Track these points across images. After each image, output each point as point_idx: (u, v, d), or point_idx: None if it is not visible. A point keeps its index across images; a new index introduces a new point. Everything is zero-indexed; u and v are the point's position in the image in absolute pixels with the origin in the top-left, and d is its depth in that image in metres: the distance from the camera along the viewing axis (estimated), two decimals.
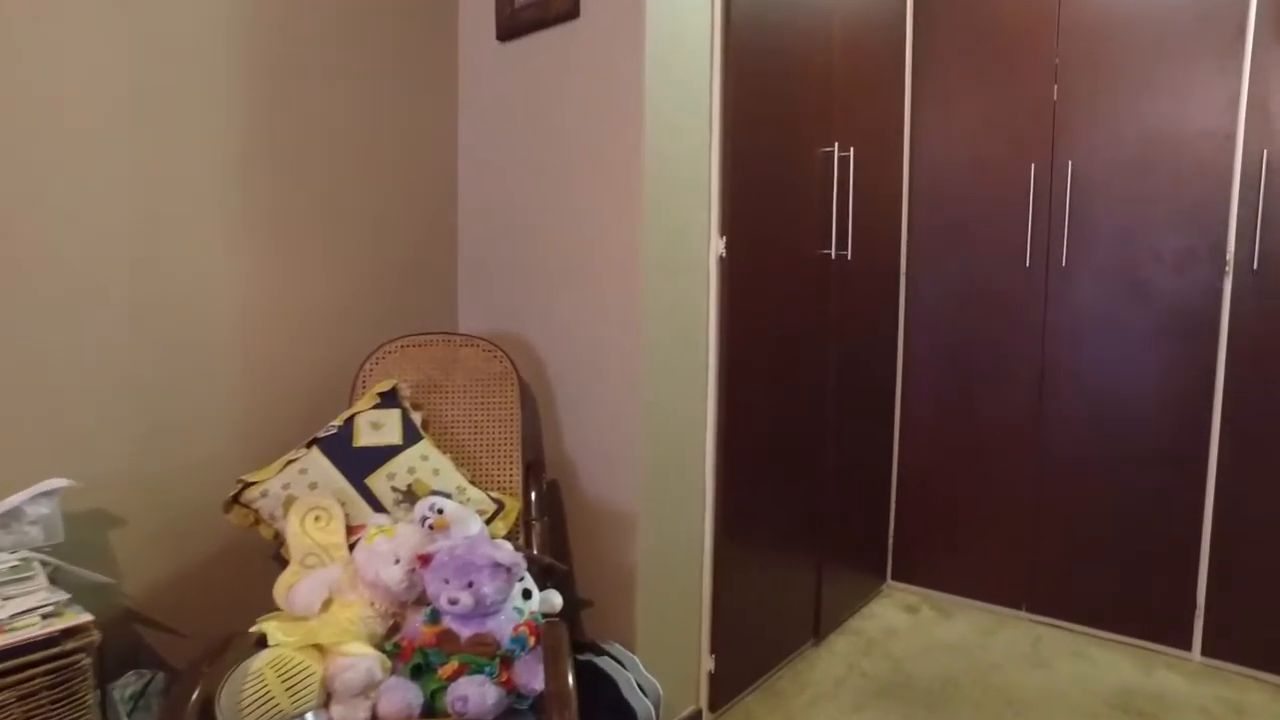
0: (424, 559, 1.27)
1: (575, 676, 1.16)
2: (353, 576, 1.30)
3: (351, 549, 1.34)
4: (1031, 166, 2.32)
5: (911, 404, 2.61)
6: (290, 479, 1.43)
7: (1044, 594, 2.39)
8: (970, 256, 2.46)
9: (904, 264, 2.59)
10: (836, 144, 2.12)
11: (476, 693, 1.16)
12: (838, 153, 2.12)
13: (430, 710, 1.17)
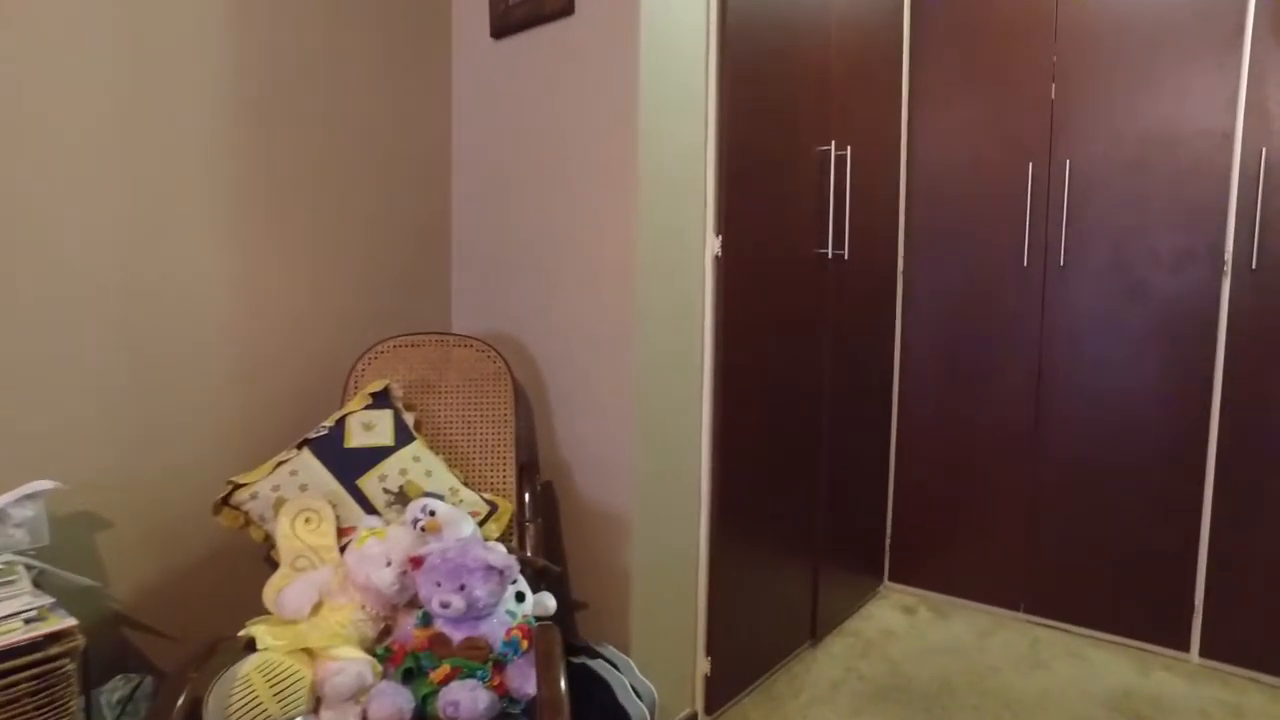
0: (416, 561, 1.26)
1: (569, 680, 1.15)
2: (343, 579, 1.28)
3: (342, 551, 1.33)
4: (1029, 166, 2.31)
5: (909, 403, 2.60)
6: (280, 480, 1.41)
7: (1042, 595, 2.38)
8: (968, 256, 2.45)
9: (901, 263, 2.58)
10: (833, 143, 2.11)
11: (468, 698, 1.14)
12: (834, 152, 2.11)
13: (422, 715, 1.16)
